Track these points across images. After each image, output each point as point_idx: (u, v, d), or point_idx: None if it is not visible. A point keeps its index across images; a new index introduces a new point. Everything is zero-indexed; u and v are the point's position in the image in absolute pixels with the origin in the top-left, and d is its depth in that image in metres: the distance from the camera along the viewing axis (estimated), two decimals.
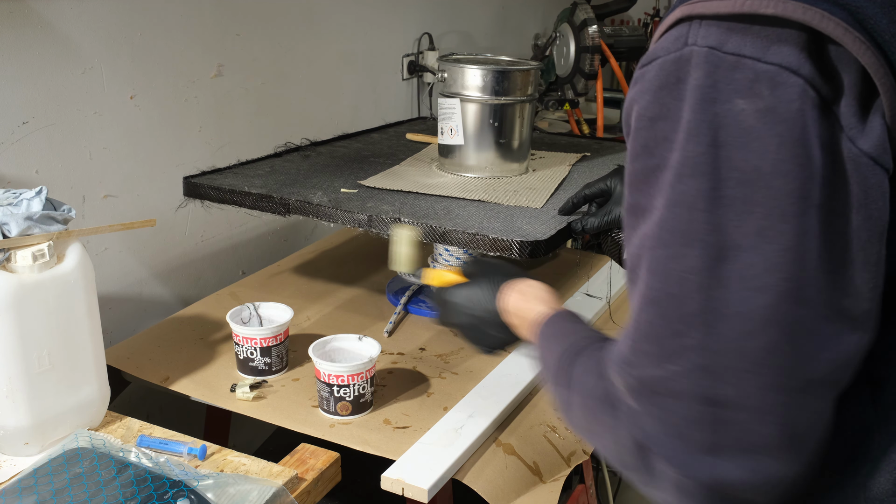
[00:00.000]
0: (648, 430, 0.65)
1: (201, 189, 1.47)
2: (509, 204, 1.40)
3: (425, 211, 1.34)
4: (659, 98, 0.64)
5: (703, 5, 0.62)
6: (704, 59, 0.61)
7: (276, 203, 1.39)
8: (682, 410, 0.63)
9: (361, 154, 1.74)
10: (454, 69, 1.54)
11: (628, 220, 0.68)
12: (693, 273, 0.61)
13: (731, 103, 0.60)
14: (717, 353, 0.61)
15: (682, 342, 0.62)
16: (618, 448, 0.71)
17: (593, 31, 2.67)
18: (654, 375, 0.64)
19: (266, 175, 1.53)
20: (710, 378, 0.62)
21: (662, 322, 0.63)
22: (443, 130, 1.59)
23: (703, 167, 0.61)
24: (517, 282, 1.01)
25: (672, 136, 0.63)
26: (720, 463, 0.63)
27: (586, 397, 0.75)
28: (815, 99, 0.59)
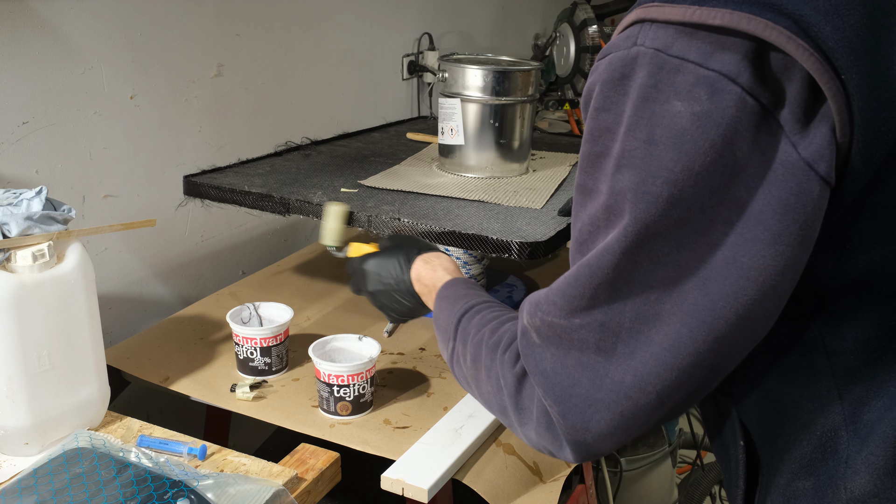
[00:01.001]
0: (543, 365, 0.74)
1: (201, 188, 1.47)
2: (509, 204, 1.40)
3: (425, 211, 1.34)
4: (604, 91, 0.68)
5: (656, 10, 0.65)
6: (650, 60, 0.64)
7: (275, 202, 1.39)
8: (578, 356, 0.71)
9: (362, 153, 1.74)
10: (455, 69, 1.54)
11: (577, 198, 0.74)
12: (613, 253, 0.67)
13: (670, 104, 0.63)
14: (618, 313, 0.68)
15: (589, 302, 0.70)
16: (497, 389, 0.80)
17: (593, 31, 2.67)
18: (559, 323, 0.72)
19: (266, 174, 1.54)
20: (607, 333, 0.69)
21: (575, 284, 0.70)
22: (443, 130, 1.59)
23: (636, 161, 0.65)
24: (428, 254, 1.08)
25: (614, 128, 0.67)
26: (594, 413, 0.71)
27: (477, 348, 0.84)
28: (754, 106, 0.61)
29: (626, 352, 0.68)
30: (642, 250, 0.66)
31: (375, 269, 1.12)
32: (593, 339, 0.70)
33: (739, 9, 0.61)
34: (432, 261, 1.07)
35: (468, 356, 0.86)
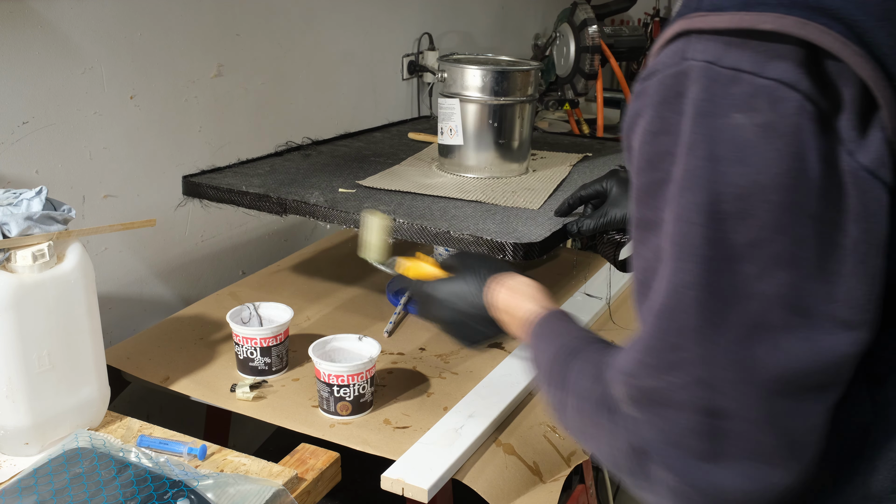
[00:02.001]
0: (648, 438, 0.66)
1: (200, 188, 1.47)
2: (506, 205, 1.40)
3: (422, 211, 1.34)
4: (660, 113, 0.64)
5: (701, 20, 0.62)
6: (702, 74, 0.62)
7: (273, 203, 1.39)
8: (681, 421, 0.64)
9: (362, 153, 1.74)
10: (454, 69, 1.54)
11: (637, 235, 0.69)
12: (690, 287, 0.62)
13: (729, 117, 0.60)
14: (714, 365, 0.62)
15: (680, 355, 0.63)
16: (612, 451, 0.71)
17: (593, 31, 2.67)
18: (655, 386, 0.65)
19: (266, 174, 1.54)
20: (708, 390, 0.62)
21: (663, 335, 0.64)
22: (442, 130, 1.59)
23: (701, 181, 0.61)
24: (505, 277, 1.00)
25: (674, 150, 0.63)
26: (719, 471, 0.63)
27: (582, 400, 0.76)
28: (814, 112, 0.59)
29: (733, 406, 0.62)
30: (723, 280, 0.61)
31: (448, 296, 1.03)
32: (692, 398, 0.63)
33: (790, 13, 0.59)
34: (513, 286, 0.98)
35: (574, 408, 0.77)
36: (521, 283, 0.99)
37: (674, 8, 0.76)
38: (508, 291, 0.98)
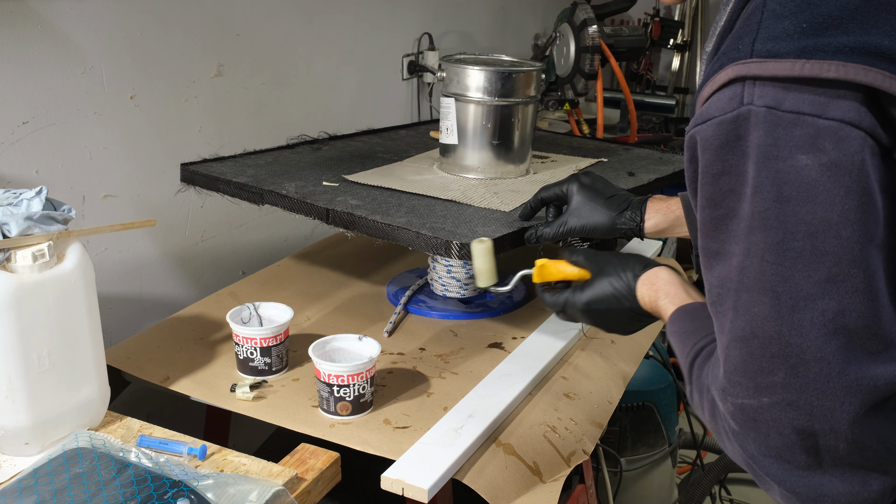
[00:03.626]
0: (750, 450, 0.71)
1: (194, 175, 1.51)
2: (480, 206, 1.40)
3: (387, 207, 1.35)
4: (720, 156, 0.67)
5: (759, 67, 0.64)
6: (764, 119, 0.64)
7: (251, 192, 1.42)
8: (777, 437, 0.68)
9: (374, 150, 1.75)
10: (451, 69, 1.54)
11: (704, 261, 0.73)
12: (770, 319, 0.66)
13: (794, 159, 0.63)
14: (803, 392, 0.66)
15: (770, 379, 0.67)
16: (736, 452, 0.75)
17: (593, 31, 2.67)
18: (749, 404, 0.69)
19: (264, 166, 1.55)
20: (799, 412, 0.66)
21: (751, 359, 0.68)
22: (441, 129, 1.59)
23: (771, 221, 0.64)
24: (648, 275, 1.01)
25: (738, 189, 0.67)
26: (821, 478, 0.68)
27: (711, 403, 0.78)
28: (875, 147, 0.62)
29: (826, 428, 0.65)
30: (803, 315, 0.64)
31: (599, 303, 1.04)
32: (787, 419, 0.67)
33: (851, 60, 0.61)
34: (654, 282, 1.00)
35: (705, 409, 0.80)
36: (660, 279, 1.00)
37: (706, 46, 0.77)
38: (647, 290, 1.00)
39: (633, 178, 1.63)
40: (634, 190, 1.51)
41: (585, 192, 1.26)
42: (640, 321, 1.05)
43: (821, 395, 0.65)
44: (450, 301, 1.58)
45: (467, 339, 1.45)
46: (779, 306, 0.65)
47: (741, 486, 2.61)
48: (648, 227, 1.25)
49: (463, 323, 1.52)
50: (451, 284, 1.58)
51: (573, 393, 1.32)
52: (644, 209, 1.25)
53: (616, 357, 1.44)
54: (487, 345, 1.43)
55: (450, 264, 1.57)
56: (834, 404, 0.65)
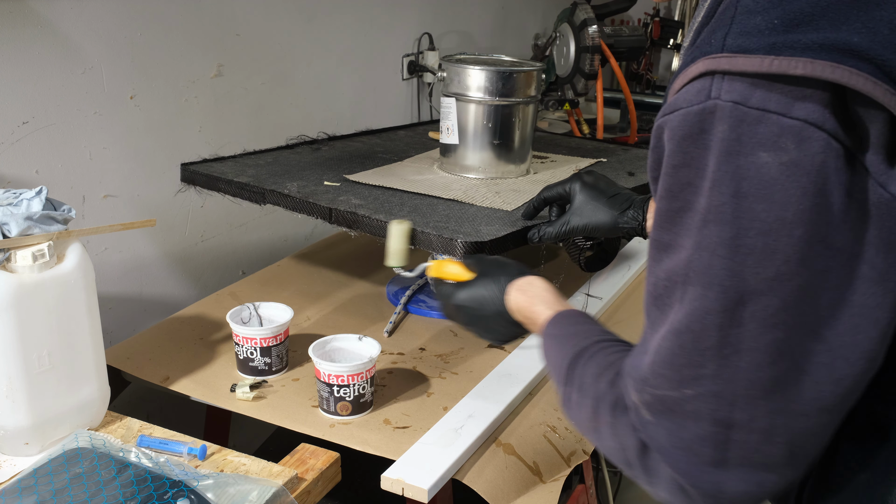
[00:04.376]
0: (660, 441, 0.71)
1: (194, 175, 1.51)
2: (482, 205, 1.40)
3: (390, 207, 1.35)
4: (682, 147, 0.67)
5: (728, 61, 0.64)
6: (729, 114, 0.64)
7: (252, 192, 1.42)
8: (694, 429, 0.69)
9: (373, 150, 1.75)
10: (452, 69, 1.54)
11: (653, 252, 0.72)
12: (712, 313, 0.66)
13: (755, 156, 0.63)
14: (730, 382, 0.66)
15: (697, 371, 0.67)
16: (620, 448, 0.76)
17: (593, 31, 2.67)
18: (670, 395, 0.70)
19: (264, 166, 1.55)
20: (722, 403, 0.67)
21: (681, 352, 0.68)
22: (441, 129, 1.59)
23: (726, 216, 0.64)
24: (520, 281, 1.02)
25: (696, 183, 0.66)
26: (725, 476, 0.69)
27: (594, 399, 0.79)
28: (839, 150, 0.61)
29: (745, 419, 0.67)
30: (745, 309, 0.64)
31: (470, 302, 1.06)
32: (707, 409, 0.68)
33: (819, 57, 0.61)
34: (527, 289, 1.01)
35: (586, 407, 0.81)
36: (531, 284, 1.01)
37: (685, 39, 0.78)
38: (520, 294, 1.01)
39: (633, 178, 1.63)
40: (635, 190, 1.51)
41: (588, 191, 1.26)
42: (508, 329, 1.04)
43: (748, 385, 0.66)
44: None
45: (467, 339, 1.45)
46: (724, 300, 0.65)
47: None
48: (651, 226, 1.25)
49: None
50: None
51: None
52: (646, 208, 1.25)
53: None
54: (487, 345, 1.43)
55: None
56: (760, 395, 0.66)
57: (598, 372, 0.81)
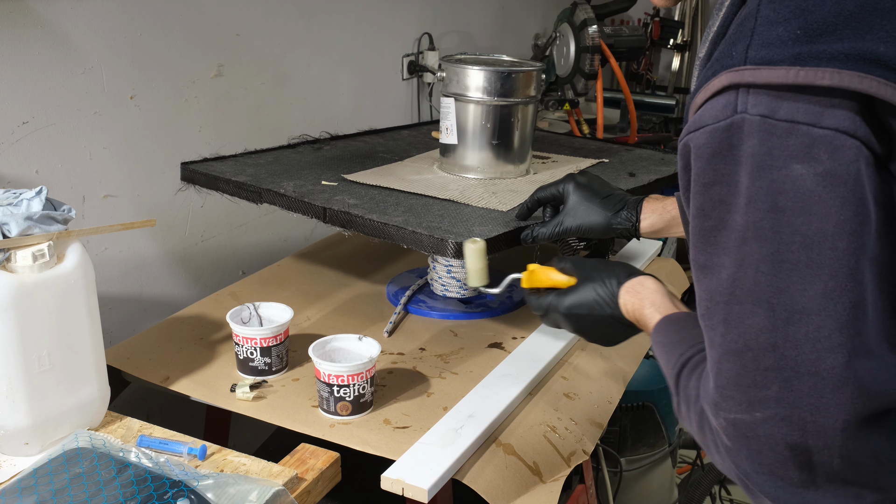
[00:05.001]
0: (743, 467, 0.70)
1: (194, 174, 1.51)
2: (478, 205, 1.40)
3: (385, 207, 1.35)
4: (712, 165, 0.66)
5: (752, 74, 0.63)
6: (758, 127, 0.63)
7: (250, 192, 1.42)
8: (770, 453, 0.67)
9: (375, 150, 1.75)
10: (451, 69, 1.54)
11: (695, 273, 0.72)
12: (765, 332, 0.65)
13: (789, 169, 0.62)
14: (796, 407, 0.65)
15: (763, 393, 0.66)
16: (729, 468, 0.74)
17: (593, 31, 2.67)
18: (742, 419, 0.68)
19: (264, 165, 1.55)
20: (792, 427, 0.65)
21: (743, 372, 0.67)
22: (440, 129, 1.59)
23: (766, 232, 0.63)
24: (632, 283, 1.01)
25: (729, 200, 0.66)
26: (817, 495, 0.67)
27: (698, 415, 0.77)
28: (870, 157, 0.61)
29: (819, 444, 0.65)
30: (798, 329, 0.63)
31: (580, 308, 1.04)
32: (780, 434, 0.66)
33: (846, 67, 0.60)
34: (639, 291, 1.00)
35: (694, 421, 0.79)
36: (645, 287, 1.00)
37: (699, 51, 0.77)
38: (633, 298, 1.00)
39: (634, 179, 1.63)
40: (635, 190, 1.51)
41: (581, 192, 1.26)
42: (621, 330, 1.03)
43: (814, 411, 0.64)
44: (450, 301, 1.58)
45: (467, 339, 1.45)
46: (773, 318, 0.64)
47: None
48: (644, 227, 1.25)
49: (463, 323, 1.52)
50: (451, 284, 1.58)
51: (573, 393, 1.32)
52: (640, 209, 1.25)
53: (616, 357, 1.44)
54: (487, 345, 1.43)
55: (450, 264, 1.57)
56: (827, 420, 0.64)
57: (693, 398, 0.79)
